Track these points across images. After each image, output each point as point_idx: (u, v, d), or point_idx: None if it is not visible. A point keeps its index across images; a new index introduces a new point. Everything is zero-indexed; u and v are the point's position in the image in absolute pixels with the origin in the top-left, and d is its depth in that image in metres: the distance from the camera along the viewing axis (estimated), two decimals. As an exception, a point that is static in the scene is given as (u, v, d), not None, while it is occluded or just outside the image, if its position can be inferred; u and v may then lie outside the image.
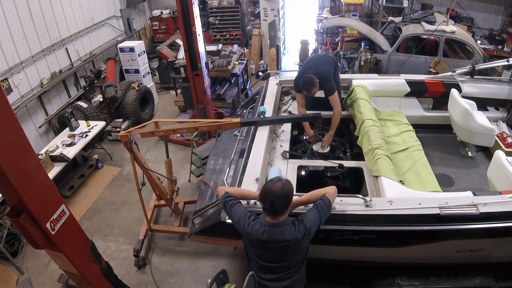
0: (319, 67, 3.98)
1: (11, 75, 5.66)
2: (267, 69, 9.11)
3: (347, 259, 3.28)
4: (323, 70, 3.97)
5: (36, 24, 6.14)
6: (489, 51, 7.83)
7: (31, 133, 6.05)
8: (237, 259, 4.18)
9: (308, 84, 3.85)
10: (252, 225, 2.44)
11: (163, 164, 4.48)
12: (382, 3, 8.50)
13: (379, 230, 2.77)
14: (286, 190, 2.36)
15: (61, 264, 2.96)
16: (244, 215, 2.52)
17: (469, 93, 4.57)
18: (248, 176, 3.16)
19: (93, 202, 5.35)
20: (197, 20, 4.98)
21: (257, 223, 2.45)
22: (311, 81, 3.83)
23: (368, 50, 6.76)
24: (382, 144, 3.53)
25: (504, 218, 2.69)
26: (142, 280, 4.10)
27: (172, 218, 4.70)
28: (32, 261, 4.42)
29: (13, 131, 2.24)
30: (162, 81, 8.72)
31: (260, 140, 3.61)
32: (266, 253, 2.50)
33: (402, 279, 3.08)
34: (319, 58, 4.33)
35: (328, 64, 4.12)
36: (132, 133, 3.59)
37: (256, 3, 9.39)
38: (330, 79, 3.97)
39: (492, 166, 3.46)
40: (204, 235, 3.23)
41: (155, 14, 9.98)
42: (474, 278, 3.04)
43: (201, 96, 5.68)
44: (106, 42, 8.33)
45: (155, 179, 4.13)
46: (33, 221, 2.37)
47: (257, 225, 2.43)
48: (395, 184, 3.08)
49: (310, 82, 3.83)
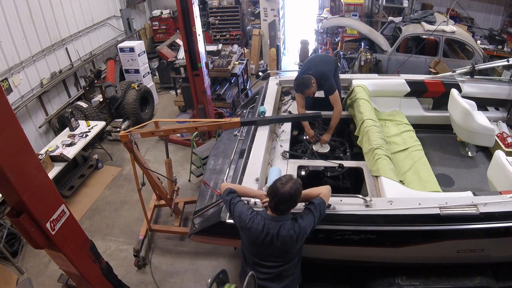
0: (318, 67, 3.99)
1: (11, 75, 5.66)
2: (267, 69, 9.11)
3: (347, 259, 3.28)
4: (323, 70, 3.97)
5: (36, 24, 6.14)
6: (489, 51, 7.83)
7: (31, 133, 6.05)
8: (237, 259, 4.18)
9: (301, 86, 3.91)
10: (253, 219, 2.47)
11: (163, 164, 4.48)
12: (382, 3, 8.50)
13: (379, 230, 2.77)
14: (293, 193, 2.39)
15: (61, 264, 2.96)
16: (247, 209, 2.54)
17: (469, 93, 4.56)
18: (248, 176, 3.16)
19: (93, 202, 5.35)
20: (197, 20, 4.98)
21: (258, 217, 2.48)
22: (305, 83, 3.88)
23: (368, 50, 6.76)
24: (382, 144, 3.53)
25: (504, 218, 2.69)
26: (142, 280, 4.10)
27: (172, 218, 4.70)
28: (32, 261, 4.42)
29: (13, 131, 2.24)
30: (162, 81, 8.72)
31: (260, 140, 3.61)
32: (263, 250, 2.51)
33: (402, 279, 3.08)
34: (320, 58, 4.34)
35: (328, 63, 4.12)
36: (132, 133, 3.59)
37: (256, 3, 9.39)
38: (330, 78, 3.98)
39: (492, 166, 3.46)
40: (204, 235, 3.22)
41: (155, 14, 9.98)
42: (474, 278, 3.03)
43: (201, 96, 5.69)
44: (106, 42, 8.33)
45: (155, 179, 4.13)
46: (33, 221, 2.38)
47: (257, 218, 2.47)
48: (395, 184, 3.08)
49: (303, 83, 3.89)
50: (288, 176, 2.49)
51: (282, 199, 2.36)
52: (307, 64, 4.12)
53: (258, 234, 2.45)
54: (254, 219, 2.47)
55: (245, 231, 2.54)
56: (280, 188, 2.37)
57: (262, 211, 2.54)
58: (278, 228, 2.41)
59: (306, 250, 2.65)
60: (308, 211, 2.51)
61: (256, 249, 2.55)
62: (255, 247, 2.55)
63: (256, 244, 2.51)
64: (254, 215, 2.50)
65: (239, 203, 2.61)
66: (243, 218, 2.51)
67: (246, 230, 2.51)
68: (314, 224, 2.49)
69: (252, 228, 2.47)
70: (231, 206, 2.62)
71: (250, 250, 2.62)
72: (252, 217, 2.49)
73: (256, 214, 2.51)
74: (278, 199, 2.37)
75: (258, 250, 2.55)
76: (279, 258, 2.53)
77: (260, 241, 2.47)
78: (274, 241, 2.43)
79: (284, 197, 2.36)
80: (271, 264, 2.55)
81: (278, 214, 2.44)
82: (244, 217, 2.51)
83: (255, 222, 2.46)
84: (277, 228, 2.41)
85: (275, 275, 2.57)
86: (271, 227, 2.43)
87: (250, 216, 2.50)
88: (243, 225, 2.51)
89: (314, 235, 2.65)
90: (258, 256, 2.58)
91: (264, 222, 2.44)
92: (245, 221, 2.49)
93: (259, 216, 2.49)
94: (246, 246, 2.66)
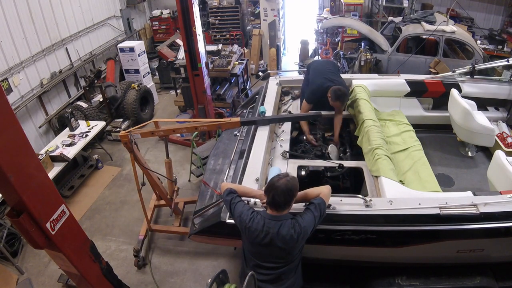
0: (338, 78, 4.02)
1: (11, 75, 5.66)
2: (267, 69, 9.10)
3: (347, 259, 3.28)
4: (343, 81, 4.03)
5: (36, 24, 6.14)
6: (489, 51, 7.84)
7: (31, 133, 6.05)
8: (237, 259, 4.18)
9: (344, 97, 3.86)
10: (253, 219, 2.48)
11: (163, 164, 4.48)
12: (382, 3, 8.50)
13: (379, 230, 2.77)
14: (290, 187, 2.40)
15: (61, 264, 2.96)
16: (247, 209, 2.56)
17: (469, 93, 4.56)
18: (248, 176, 3.16)
19: (93, 202, 5.35)
20: (197, 20, 4.98)
21: (258, 216, 2.49)
22: (346, 94, 3.88)
23: (368, 50, 6.76)
24: (382, 144, 3.52)
25: (504, 218, 2.69)
26: (142, 280, 4.10)
27: (172, 218, 4.70)
28: (32, 261, 4.42)
29: (13, 131, 2.24)
30: (162, 81, 8.72)
31: (260, 140, 3.61)
32: (263, 249, 2.52)
33: (402, 279, 3.07)
34: (329, 69, 4.18)
35: (338, 72, 4.19)
36: (132, 133, 3.59)
37: (256, 3, 9.39)
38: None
39: (492, 166, 3.46)
40: (204, 235, 3.22)
41: (155, 14, 9.98)
42: (474, 278, 3.03)
43: (201, 96, 5.69)
44: (106, 42, 8.33)
45: (155, 179, 4.13)
46: (33, 221, 2.37)
47: (257, 218, 2.48)
48: (395, 184, 3.08)
49: (346, 95, 3.87)
50: (285, 173, 2.52)
51: (279, 192, 2.37)
52: (322, 75, 3.99)
53: (258, 233, 2.46)
54: (254, 219, 2.48)
55: (245, 231, 2.54)
56: (276, 181, 2.40)
57: (262, 211, 2.56)
58: (278, 227, 2.42)
59: (306, 250, 2.65)
60: (308, 211, 2.52)
61: (256, 249, 2.55)
62: (255, 246, 2.55)
63: (256, 244, 2.52)
64: (254, 215, 2.50)
65: (240, 203, 2.61)
66: (243, 218, 2.52)
67: (246, 230, 2.51)
68: (314, 224, 2.49)
69: (252, 227, 2.47)
70: (231, 206, 2.62)
71: (250, 251, 2.62)
72: (252, 217, 2.49)
73: (256, 214, 2.51)
74: (275, 192, 2.38)
75: (258, 250, 2.55)
76: (280, 259, 2.53)
77: (260, 241, 2.47)
78: (274, 240, 2.43)
79: (281, 190, 2.37)
80: (271, 265, 2.55)
81: (278, 211, 2.45)
82: (244, 217, 2.52)
83: (255, 221, 2.47)
84: (277, 227, 2.42)
85: (274, 277, 2.57)
86: (270, 226, 2.43)
87: (250, 216, 2.50)
88: (243, 225, 2.52)
89: (314, 235, 2.65)
90: (259, 256, 2.58)
91: (264, 222, 2.45)
92: (245, 221, 2.50)
93: (259, 215, 2.50)
94: (247, 246, 2.66)
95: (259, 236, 2.46)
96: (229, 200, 2.65)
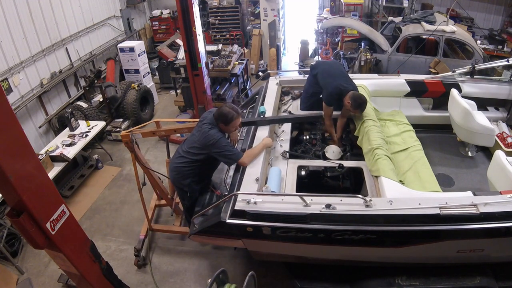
0: (351, 82, 4.01)
1: (11, 75, 5.66)
2: (267, 69, 9.10)
3: (347, 259, 3.28)
4: (355, 84, 4.02)
5: (36, 24, 6.15)
6: (489, 51, 7.83)
7: (31, 133, 6.05)
8: (237, 259, 4.19)
9: (364, 105, 3.82)
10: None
11: (163, 164, 4.49)
12: (382, 3, 8.50)
13: (379, 230, 2.76)
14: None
15: (61, 264, 2.96)
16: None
17: (469, 93, 4.56)
18: (248, 176, 3.16)
19: (93, 202, 5.35)
20: (197, 20, 4.98)
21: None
22: (366, 102, 3.84)
23: (368, 50, 6.76)
24: (382, 144, 3.52)
25: (504, 218, 2.68)
26: (142, 280, 4.11)
27: (172, 218, 4.70)
28: (32, 261, 4.42)
29: (13, 131, 2.24)
30: (162, 81, 8.72)
31: (260, 140, 3.61)
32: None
33: (402, 279, 3.07)
34: (341, 72, 4.17)
35: (348, 74, 4.21)
36: (134, 132, 3.60)
37: (256, 3, 9.39)
38: None
39: (492, 166, 3.46)
40: (204, 235, 3.22)
41: (155, 14, 9.98)
42: (474, 278, 3.03)
43: (201, 96, 5.69)
44: (106, 42, 8.33)
45: (155, 178, 4.13)
46: (33, 221, 2.38)
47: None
48: (395, 184, 3.08)
49: (366, 102, 3.83)
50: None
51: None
52: (337, 79, 3.95)
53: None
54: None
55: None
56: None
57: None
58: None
59: (306, 250, 2.64)
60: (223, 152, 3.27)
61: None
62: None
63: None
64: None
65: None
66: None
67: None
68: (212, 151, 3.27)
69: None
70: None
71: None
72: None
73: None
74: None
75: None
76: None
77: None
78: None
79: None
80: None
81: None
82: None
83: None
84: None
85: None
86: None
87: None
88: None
89: (314, 235, 2.65)
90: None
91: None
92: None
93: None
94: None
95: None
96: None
